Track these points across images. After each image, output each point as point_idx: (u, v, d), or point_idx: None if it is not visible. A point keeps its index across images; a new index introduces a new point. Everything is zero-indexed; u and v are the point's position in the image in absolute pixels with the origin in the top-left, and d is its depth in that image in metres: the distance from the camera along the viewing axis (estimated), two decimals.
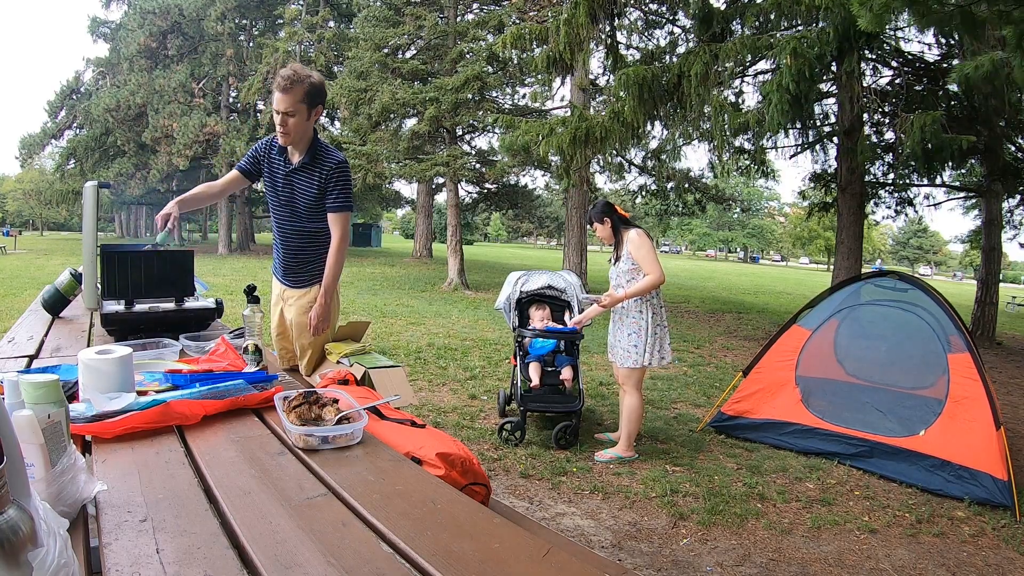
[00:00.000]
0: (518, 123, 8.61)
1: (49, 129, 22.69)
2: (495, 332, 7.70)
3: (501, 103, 14.94)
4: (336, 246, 2.44)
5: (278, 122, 2.33)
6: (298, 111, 2.29)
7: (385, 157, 13.09)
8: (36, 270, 13.46)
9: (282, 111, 2.29)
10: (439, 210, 34.29)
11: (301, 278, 2.55)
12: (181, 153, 19.45)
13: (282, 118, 2.30)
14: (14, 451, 0.66)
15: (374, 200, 25.28)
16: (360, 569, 0.77)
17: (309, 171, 2.40)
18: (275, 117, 2.33)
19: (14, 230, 29.57)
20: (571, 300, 4.18)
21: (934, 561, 2.64)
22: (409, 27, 13.49)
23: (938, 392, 3.51)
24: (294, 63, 2.47)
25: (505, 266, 21.16)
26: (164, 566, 0.75)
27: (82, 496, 0.88)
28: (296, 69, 2.29)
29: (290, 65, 2.33)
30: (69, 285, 2.40)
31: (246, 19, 22.57)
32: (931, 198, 11.52)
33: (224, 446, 1.17)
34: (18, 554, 0.59)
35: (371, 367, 2.18)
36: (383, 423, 1.45)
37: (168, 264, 2.31)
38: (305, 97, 2.28)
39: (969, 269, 50.62)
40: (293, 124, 2.31)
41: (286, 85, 2.25)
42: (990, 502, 3.11)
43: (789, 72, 5.51)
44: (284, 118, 2.30)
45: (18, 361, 1.72)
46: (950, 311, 3.76)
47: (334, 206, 2.41)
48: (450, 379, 5.20)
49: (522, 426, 3.67)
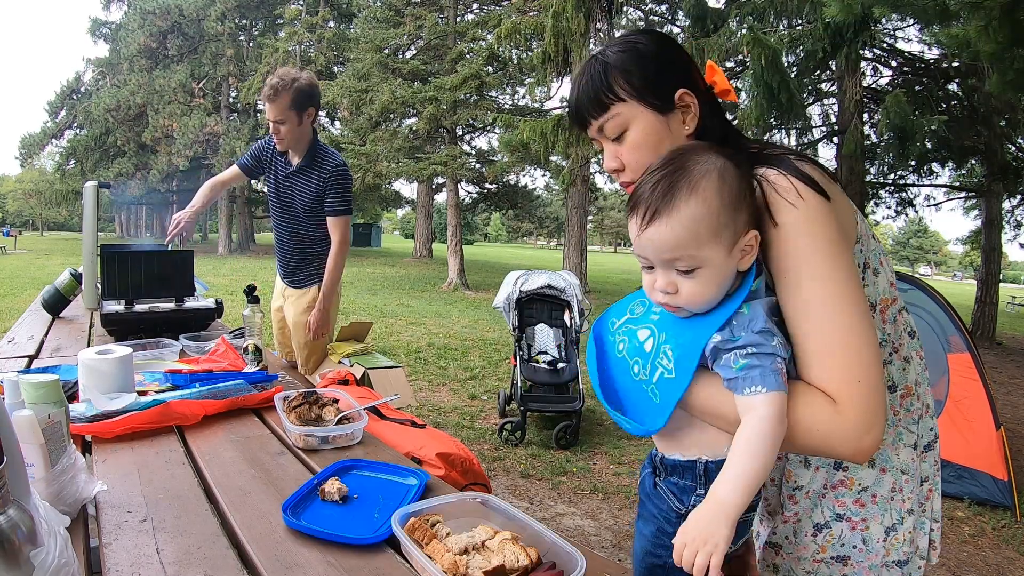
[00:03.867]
0: (517, 122, 8.61)
1: (49, 129, 22.70)
2: (495, 332, 7.69)
3: (501, 103, 14.94)
4: (335, 250, 2.44)
5: (272, 130, 2.35)
6: (288, 118, 2.30)
7: (385, 157, 13.10)
8: (36, 270, 13.45)
9: (272, 120, 2.31)
10: (439, 210, 34.29)
11: (300, 279, 2.56)
12: (181, 153, 19.46)
13: (274, 126, 2.32)
14: (14, 451, 0.66)
15: (374, 200, 25.27)
16: (360, 569, 0.77)
17: (308, 174, 2.40)
18: (270, 124, 2.35)
19: (14, 230, 29.59)
20: (571, 300, 4.18)
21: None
22: (409, 27, 13.50)
23: (938, 392, 3.51)
24: (281, 68, 2.48)
25: (505, 266, 21.16)
26: (164, 566, 0.75)
27: (82, 496, 0.88)
28: (281, 76, 2.29)
29: (277, 72, 2.34)
30: (69, 285, 2.40)
31: (246, 19, 22.57)
32: (931, 198, 11.53)
33: (224, 446, 1.17)
34: (18, 553, 0.59)
35: (371, 367, 2.18)
36: (383, 423, 1.45)
37: (168, 264, 2.31)
38: (292, 103, 2.28)
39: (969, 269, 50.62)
40: (286, 131, 2.32)
41: (271, 95, 2.26)
42: (990, 502, 3.11)
43: (756, 62, 5.53)
44: (276, 126, 2.31)
45: (18, 361, 1.72)
46: (950, 311, 3.76)
47: (332, 209, 2.41)
48: (450, 379, 5.20)
49: (522, 426, 3.67)
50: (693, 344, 0.71)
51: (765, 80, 5.60)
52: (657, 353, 0.75)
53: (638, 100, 0.82)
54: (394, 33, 13.67)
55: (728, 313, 0.70)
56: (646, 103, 0.83)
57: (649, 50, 0.84)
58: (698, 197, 0.69)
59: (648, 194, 0.71)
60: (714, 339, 0.70)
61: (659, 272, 0.72)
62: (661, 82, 0.83)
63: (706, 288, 0.70)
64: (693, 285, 0.70)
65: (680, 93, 0.83)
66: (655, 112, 0.83)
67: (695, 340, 0.71)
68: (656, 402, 0.73)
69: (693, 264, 0.70)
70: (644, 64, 0.83)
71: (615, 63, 0.83)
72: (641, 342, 0.77)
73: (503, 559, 0.74)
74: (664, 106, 0.83)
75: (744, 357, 0.68)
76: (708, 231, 0.69)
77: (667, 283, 0.71)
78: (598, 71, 0.85)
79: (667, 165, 0.73)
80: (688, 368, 0.71)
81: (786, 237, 0.72)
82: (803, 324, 0.71)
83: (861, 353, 0.69)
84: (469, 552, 0.76)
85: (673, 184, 0.70)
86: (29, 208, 40.46)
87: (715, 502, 0.68)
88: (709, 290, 0.70)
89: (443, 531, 0.80)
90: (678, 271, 0.71)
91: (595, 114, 0.85)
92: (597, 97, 0.84)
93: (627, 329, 0.81)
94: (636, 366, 0.77)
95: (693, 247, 0.69)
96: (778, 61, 5.64)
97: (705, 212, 0.69)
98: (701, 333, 0.71)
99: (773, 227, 0.73)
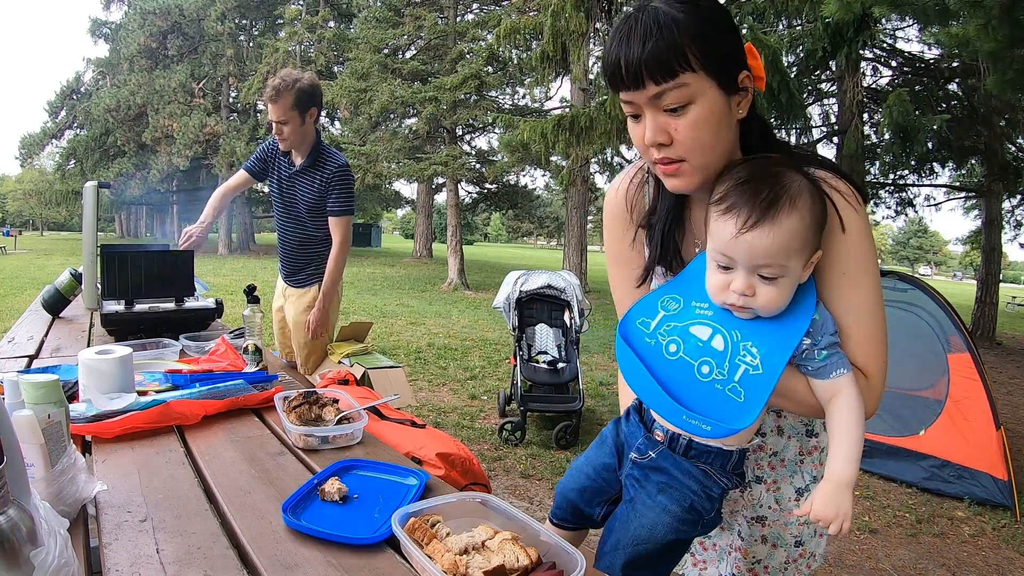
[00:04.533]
0: (517, 122, 8.61)
1: (49, 129, 22.70)
2: (495, 332, 7.69)
3: (501, 103, 14.94)
4: (336, 251, 2.44)
5: (274, 131, 2.35)
6: (290, 119, 2.30)
7: (385, 157, 13.10)
8: (36, 270, 13.45)
9: (274, 121, 2.31)
10: (439, 210, 34.29)
11: (300, 278, 2.56)
12: (181, 153, 19.45)
13: (277, 127, 2.33)
14: (14, 451, 0.66)
15: (374, 200, 25.29)
16: (360, 569, 0.77)
17: (310, 174, 2.41)
18: (272, 125, 2.35)
19: (14, 230, 29.59)
20: (571, 300, 4.18)
21: (934, 561, 2.64)
22: (409, 28, 13.50)
23: (938, 392, 3.51)
24: (283, 69, 2.49)
25: (505, 266, 21.15)
26: (164, 566, 0.75)
27: (82, 496, 0.88)
28: (283, 76, 2.30)
29: (279, 72, 2.35)
30: (69, 285, 2.40)
31: (246, 19, 22.55)
32: (931, 198, 11.52)
33: (224, 446, 1.17)
34: (18, 553, 0.59)
35: (371, 367, 2.19)
36: (383, 423, 1.45)
37: (168, 264, 2.31)
38: (295, 104, 2.29)
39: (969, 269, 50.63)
40: (288, 131, 2.32)
41: (273, 96, 2.27)
42: (990, 502, 3.11)
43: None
44: (278, 127, 2.32)
45: (18, 361, 1.72)
46: (950, 311, 3.76)
47: (334, 210, 2.42)
48: (450, 379, 5.20)
49: (522, 426, 3.67)
50: (784, 344, 0.76)
51: (765, 80, 5.61)
52: (736, 351, 0.77)
53: (709, 74, 0.75)
54: (394, 33, 13.67)
55: (809, 320, 0.77)
56: (717, 80, 0.76)
57: (718, 16, 0.77)
58: (798, 213, 0.73)
59: (750, 199, 0.74)
60: (804, 342, 0.77)
61: (740, 274, 0.76)
62: (732, 59, 0.78)
63: (782, 295, 0.76)
64: (772, 291, 0.76)
65: (743, 75, 0.79)
66: (722, 91, 0.77)
67: (785, 340, 0.76)
68: (740, 400, 0.75)
69: (778, 273, 0.75)
70: (718, 34, 0.76)
71: (687, 26, 0.73)
72: (706, 341, 0.79)
73: (503, 559, 0.74)
74: (731, 86, 0.78)
75: (826, 349, 0.78)
76: (799, 245, 0.74)
77: (746, 286, 0.76)
78: (668, 29, 0.72)
79: (762, 175, 0.76)
80: (778, 365, 0.75)
81: (852, 242, 0.79)
82: (851, 314, 0.81)
83: (885, 339, 0.83)
84: (469, 552, 0.76)
85: (776, 196, 0.74)
86: (29, 208, 40.44)
87: (836, 480, 0.76)
88: (784, 298, 0.77)
89: (443, 531, 0.80)
90: (761, 276, 0.75)
91: (660, 79, 0.74)
92: (667, 61, 0.73)
93: (674, 328, 0.81)
94: (705, 366, 0.78)
95: (783, 257, 0.74)
96: (778, 61, 5.65)
97: (801, 227, 0.74)
98: (791, 334, 0.77)
99: (842, 232, 0.78)
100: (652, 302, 0.85)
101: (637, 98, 0.77)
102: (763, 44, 5.46)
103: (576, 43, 7.29)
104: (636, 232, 0.95)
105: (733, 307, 0.78)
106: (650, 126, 0.78)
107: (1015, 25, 3.71)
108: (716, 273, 0.78)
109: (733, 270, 0.76)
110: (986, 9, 3.64)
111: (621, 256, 0.98)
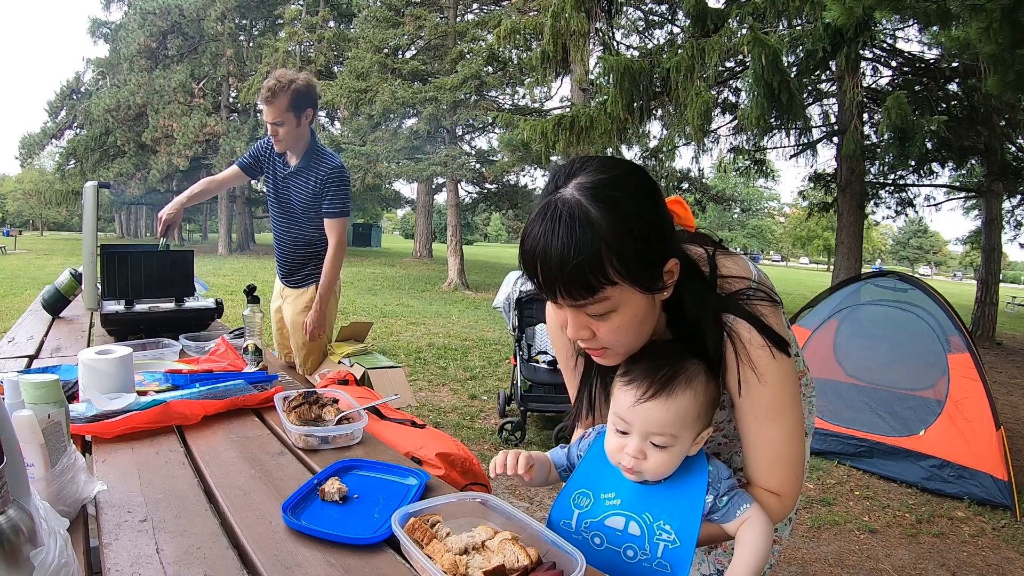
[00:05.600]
0: (517, 122, 8.61)
1: (49, 129, 22.69)
2: (495, 332, 7.69)
3: (501, 103, 14.94)
4: (331, 253, 2.43)
5: (270, 132, 2.34)
6: (286, 119, 2.29)
7: (384, 157, 13.10)
8: (36, 270, 13.45)
9: (270, 122, 2.30)
10: (439, 210, 34.28)
11: (297, 279, 2.56)
12: (181, 153, 19.45)
13: (272, 128, 2.31)
14: (14, 451, 0.66)
15: (374, 200, 25.27)
16: (360, 569, 0.77)
17: (305, 175, 2.40)
18: (268, 126, 2.34)
19: (14, 230, 29.57)
20: None
21: (934, 561, 2.64)
22: (409, 28, 13.50)
23: (938, 392, 3.51)
24: (278, 69, 2.47)
25: (505, 266, 21.15)
26: (164, 566, 0.75)
27: (82, 496, 0.88)
28: (278, 77, 2.28)
29: (274, 73, 2.33)
30: (69, 285, 2.40)
31: (246, 19, 22.56)
32: (931, 198, 11.53)
33: (224, 446, 1.17)
34: (18, 553, 0.59)
35: (371, 367, 2.19)
36: (383, 423, 1.45)
37: (168, 264, 2.31)
38: (290, 105, 2.27)
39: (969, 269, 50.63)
40: (284, 132, 2.31)
41: (268, 97, 2.26)
42: (990, 502, 3.11)
43: (757, 61, 5.54)
44: (274, 128, 2.31)
45: (18, 361, 1.72)
46: (950, 311, 3.76)
47: (329, 211, 2.41)
48: (450, 379, 5.20)
49: (522, 426, 3.67)
50: (691, 512, 0.83)
51: (765, 80, 5.61)
52: (652, 532, 0.83)
53: (632, 284, 0.73)
54: (394, 33, 13.66)
55: (706, 476, 0.84)
56: (640, 286, 0.74)
57: (637, 211, 0.72)
58: (692, 391, 0.81)
59: (650, 374, 0.82)
60: (707, 501, 0.83)
61: (634, 439, 0.83)
62: (654, 260, 0.75)
63: (670, 463, 0.83)
64: (662, 457, 0.82)
65: (671, 264, 0.77)
66: (646, 294, 0.76)
67: (691, 508, 0.83)
68: (668, 572, 0.82)
69: (669, 443, 0.82)
70: (641, 242, 0.72)
71: (606, 235, 0.69)
72: (623, 530, 0.85)
73: (503, 559, 0.74)
74: (655, 285, 0.76)
75: (726, 495, 0.84)
76: (691, 420, 0.82)
77: (639, 450, 0.82)
78: (587, 240, 0.69)
79: (665, 356, 0.83)
80: (692, 532, 0.81)
81: (772, 388, 0.82)
82: (772, 447, 0.86)
83: (803, 463, 0.90)
84: (469, 552, 0.76)
85: (675, 374, 0.81)
86: (29, 208, 40.45)
87: None
88: (671, 465, 0.83)
89: (443, 531, 0.80)
90: (653, 444, 0.82)
91: (579, 296, 0.73)
92: (585, 279, 0.70)
93: (591, 524, 0.87)
94: (630, 551, 0.84)
95: (676, 428, 0.81)
96: (778, 61, 5.66)
97: (694, 404, 0.81)
98: (695, 499, 0.83)
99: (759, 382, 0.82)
100: (565, 502, 0.90)
101: (561, 303, 0.77)
102: (763, 44, 5.47)
103: (576, 43, 7.30)
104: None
105: (625, 469, 0.84)
106: (572, 324, 0.79)
107: (1016, 27, 3.71)
108: (614, 436, 0.85)
109: (629, 435, 0.83)
110: (987, 12, 3.65)
111: (563, 344, 1.02)
